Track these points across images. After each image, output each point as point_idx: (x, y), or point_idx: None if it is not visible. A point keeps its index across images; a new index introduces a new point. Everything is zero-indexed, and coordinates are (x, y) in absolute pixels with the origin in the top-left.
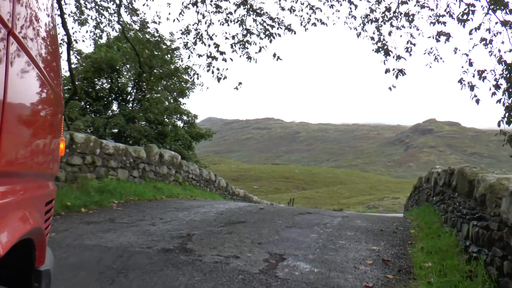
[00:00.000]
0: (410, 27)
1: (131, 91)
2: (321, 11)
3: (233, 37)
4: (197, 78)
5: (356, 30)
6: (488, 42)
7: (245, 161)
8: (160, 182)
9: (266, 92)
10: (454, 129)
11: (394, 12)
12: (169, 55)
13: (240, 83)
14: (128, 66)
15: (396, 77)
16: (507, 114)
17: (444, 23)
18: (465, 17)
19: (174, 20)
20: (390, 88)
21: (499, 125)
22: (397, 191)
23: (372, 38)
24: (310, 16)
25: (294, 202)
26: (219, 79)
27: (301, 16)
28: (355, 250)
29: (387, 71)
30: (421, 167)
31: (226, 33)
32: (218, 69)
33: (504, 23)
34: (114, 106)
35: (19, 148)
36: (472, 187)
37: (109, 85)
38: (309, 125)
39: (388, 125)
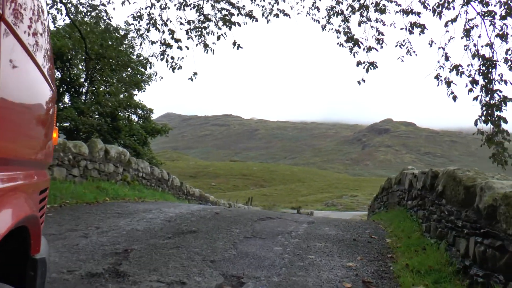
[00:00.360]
0: (380, 21)
1: (84, 82)
2: (284, 1)
3: (189, 23)
4: (150, 67)
5: (319, 22)
6: (466, 35)
7: (203, 158)
8: (105, 182)
9: (225, 89)
10: (409, 129)
11: (364, 3)
12: (123, 46)
13: (195, 74)
14: (80, 56)
15: (367, 70)
16: (484, 113)
17: (419, 13)
18: (440, 8)
19: (123, 3)
20: (359, 82)
21: (476, 124)
22: (355, 189)
23: (338, 31)
24: (273, 6)
25: (253, 200)
26: (173, 69)
27: (263, 6)
28: (328, 268)
29: (358, 63)
30: (378, 165)
31: (181, 18)
32: (172, 58)
33: (484, 14)
34: (66, 99)
35: (14, 135)
36: (470, 195)
37: (60, 76)
38: (268, 123)
39: (346, 124)
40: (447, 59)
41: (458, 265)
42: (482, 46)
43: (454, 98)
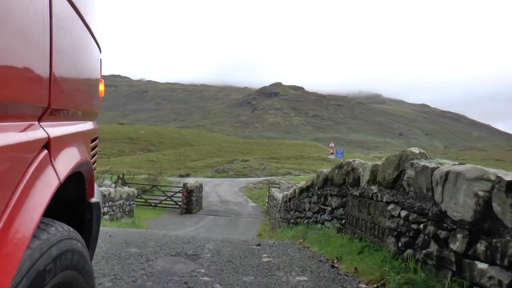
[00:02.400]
0: None
1: None
2: None
3: None
4: None
5: None
6: None
7: None
8: None
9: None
10: (298, 93)
11: None
12: None
13: None
14: None
15: None
16: None
17: None
18: None
19: None
20: None
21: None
22: (246, 153)
23: None
24: None
25: (138, 167)
26: None
27: None
28: None
29: None
30: (267, 128)
31: None
32: None
33: None
34: None
35: (70, 87)
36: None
37: None
38: (157, 84)
39: (236, 87)
40: None
41: None
42: None
43: None
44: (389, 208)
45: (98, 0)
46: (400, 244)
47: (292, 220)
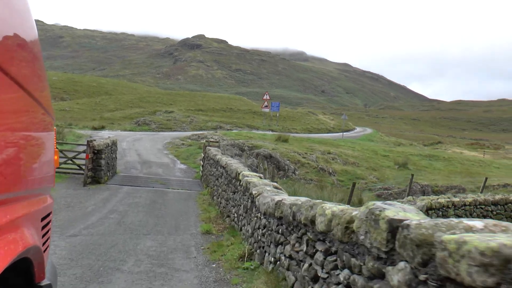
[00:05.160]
0: None
1: None
2: None
3: None
4: None
5: None
6: None
7: None
8: None
9: None
10: (221, 46)
11: None
12: None
13: None
14: None
15: None
16: None
17: None
18: None
19: None
20: None
21: None
22: (169, 104)
23: None
24: None
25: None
26: None
27: None
28: None
29: None
30: (189, 80)
31: None
32: None
33: None
34: None
35: (8, 168)
36: None
37: None
38: (74, 30)
39: (157, 37)
40: None
41: None
42: None
43: None
44: None
45: None
46: None
47: None
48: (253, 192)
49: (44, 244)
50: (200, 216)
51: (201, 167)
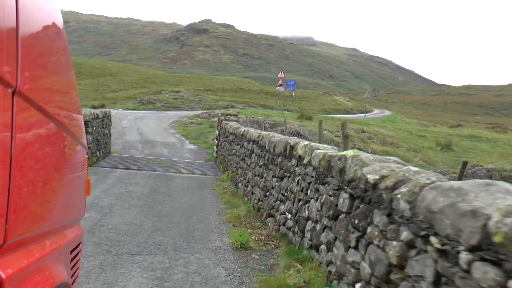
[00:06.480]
0: None
1: None
2: None
3: None
4: None
5: None
6: None
7: None
8: None
9: None
10: (228, 31)
11: None
12: None
13: None
14: None
15: None
16: None
17: None
18: None
19: None
20: None
21: None
22: (176, 85)
23: None
24: None
25: None
26: None
27: None
28: None
29: None
30: (196, 65)
31: None
32: None
33: None
34: None
35: (34, 208)
36: None
37: None
38: (80, 15)
39: (164, 22)
40: None
41: None
42: None
43: None
44: None
45: None
46: None
47: None
48: (372, 179)
49: (72, 276)
50: (225, 214)
51: (215, 147)
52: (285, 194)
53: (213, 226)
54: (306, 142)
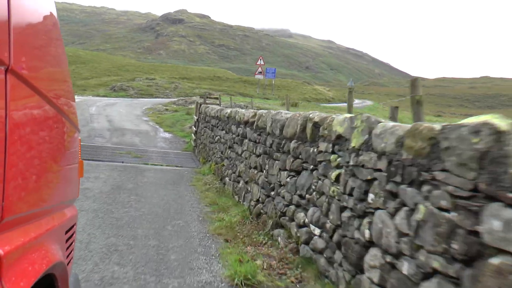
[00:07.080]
0: None
1: None
2: None
3: None
4: None
5: None
6: None
7: None
8: None
9: None
10: (204, 22)
11: None
12: None
13: None
14: None
15: None
16: None
17: None
18: None
19: None
20: None
21: None
22: (150, 72)
23: None
24: None
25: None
26: None
27: None
28: None
29: None
30: (171, 55)
31: None
32: None
33: None
34: None
35: (31, 187)
36: None
37: None
38: None
39: (139, 12)
40: None
41: None
42: None
43: None
44: None
45: None
46: None
47: None
48: None
49: (67, 256)
50: (211, 222)
51: (193, 135)
52: (306, 195)
53: (196, 242)
54: (348, 114)
